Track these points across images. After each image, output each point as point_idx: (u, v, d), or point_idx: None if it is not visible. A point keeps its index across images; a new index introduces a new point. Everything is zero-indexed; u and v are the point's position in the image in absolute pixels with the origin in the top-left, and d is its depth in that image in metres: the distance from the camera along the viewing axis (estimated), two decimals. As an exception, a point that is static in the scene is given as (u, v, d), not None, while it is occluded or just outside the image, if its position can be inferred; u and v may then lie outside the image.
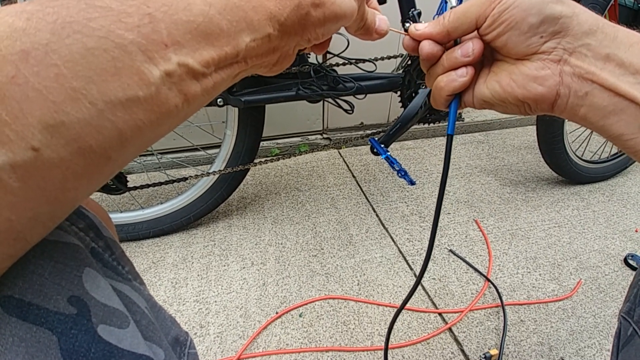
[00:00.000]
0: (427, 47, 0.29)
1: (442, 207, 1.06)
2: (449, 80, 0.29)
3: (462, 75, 0.29)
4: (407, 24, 0.30)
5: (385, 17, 0.29)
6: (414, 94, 0.84)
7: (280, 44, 0.21)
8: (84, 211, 0.23)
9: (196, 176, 0.89)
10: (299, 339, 0.71)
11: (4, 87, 0.13)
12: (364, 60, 0.83)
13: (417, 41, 0.30)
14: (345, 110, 0.81)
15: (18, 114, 0.13)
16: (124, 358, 0.20)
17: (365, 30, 0.28)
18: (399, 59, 0.91)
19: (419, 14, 0.72)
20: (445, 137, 0.33)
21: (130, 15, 0.16)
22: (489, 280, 0.83)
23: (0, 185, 0.13)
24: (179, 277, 0.84)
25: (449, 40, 0.29)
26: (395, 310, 0.77)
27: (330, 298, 0.79)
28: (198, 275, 0.85)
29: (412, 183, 0.73)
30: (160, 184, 0.89)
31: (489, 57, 0.30)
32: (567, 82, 0.26)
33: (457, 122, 1.50)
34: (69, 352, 0.18)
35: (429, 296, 0.80)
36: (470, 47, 0.28)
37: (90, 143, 0.15)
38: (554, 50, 0.25)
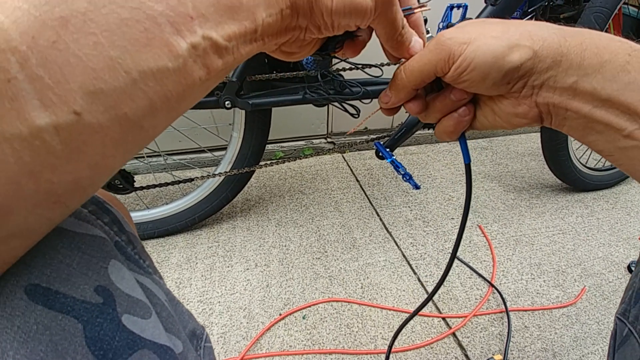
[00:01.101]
0: (415, 108, 0.30)
1: (446, 212, 1.08)
2: (456, 124, 0.30)
3: (465, 115, 0.29)
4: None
5: (421, 41, 0.28)
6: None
7: (291, 23, 0.22)
8: (108, 206, 0.24)
9: (202, 177, 0.90)
10: (302, 340, 0.71)
11: (46, 52, 0.14)
12: (370, 66, 0.83)
13: (394, 107, 0.31)
14: (352, 115, 0.82)
15: (60, 78, 0.14)
16: (146, 347, 0.20)
17: (397, 44, 0.27)
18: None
19: (425, 20, 0.73)
20: (466, 163, 0.34)
21: None
22: (493, 285, 0.83)
23: (43, 146, 0.14)
24: (183, 277, 0.85)
25: (418, 89, 0.29)
26: (400, 314, 0.77)
27: (333, 301, 0.79)
28: (202, 276, 0.85)
29: (417, 187, 0.74)
30: (166, 184, 0.90)
31: None
32: (544, 110, 0.26)
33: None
34: (94, 340, 0.18)
35: (432, 301, 0.80)
36: (464, 92, 0.28)
37: (126, 111, 0.16)
38: (523, 89, 0.26)
